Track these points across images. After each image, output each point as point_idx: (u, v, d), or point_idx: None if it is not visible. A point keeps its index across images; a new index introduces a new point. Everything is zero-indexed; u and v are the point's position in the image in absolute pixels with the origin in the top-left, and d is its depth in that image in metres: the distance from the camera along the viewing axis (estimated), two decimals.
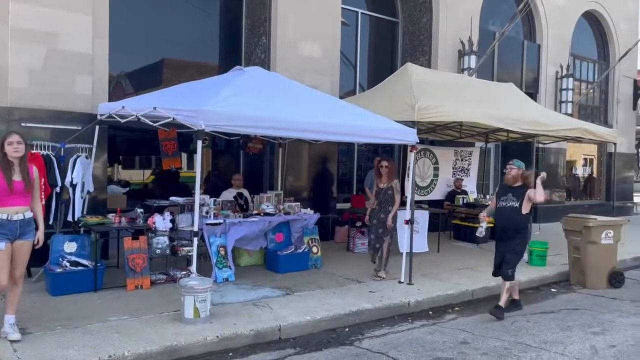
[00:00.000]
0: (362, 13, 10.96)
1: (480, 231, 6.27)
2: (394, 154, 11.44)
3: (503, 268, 5.86)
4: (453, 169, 11.29)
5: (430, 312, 5.89)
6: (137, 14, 8.44)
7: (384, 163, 6.97)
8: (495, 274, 6.18)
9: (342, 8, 10.06)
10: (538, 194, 5.67)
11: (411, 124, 6.90)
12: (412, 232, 6.85)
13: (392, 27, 11.70)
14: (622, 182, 16.31)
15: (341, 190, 10.57)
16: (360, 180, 10.79)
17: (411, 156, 6.97)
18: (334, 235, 9.53)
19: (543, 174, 5.87)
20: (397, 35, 11.71)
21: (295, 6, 9.14)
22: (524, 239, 6.02)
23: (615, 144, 10.47)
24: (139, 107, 5.72)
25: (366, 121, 6.39)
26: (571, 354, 4.62)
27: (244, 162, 9.38)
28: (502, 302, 5.73)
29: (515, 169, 5.88)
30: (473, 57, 11.35)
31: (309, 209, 7.69)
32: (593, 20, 15.73)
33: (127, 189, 9.46)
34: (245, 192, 7.76)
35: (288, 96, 6.20)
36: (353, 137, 6.56)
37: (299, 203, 7.67)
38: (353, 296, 5.94)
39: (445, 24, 11.33)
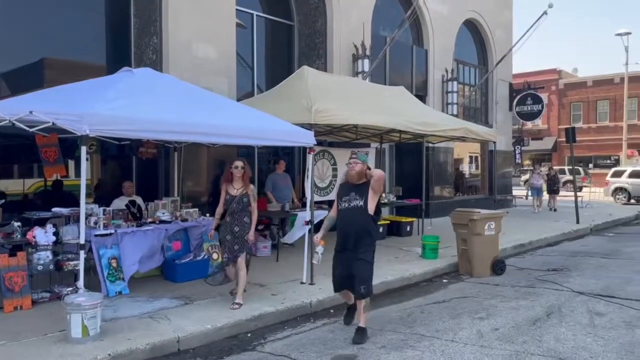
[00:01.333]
0: (257, 15, 10.92)
1: (318, 258, 5.35)
2: (293, 156, 11.53)
3: (355, 285, 4.92)
4: None
5: (332, 311, 6.00)
6: (13, 9, 7.72)
7: (238, 164, 5.76)
8: (338, 289, 5.26)
9: (237, 10, 9.95)
10: (376, 174, 4.97)
11: (308, 126, 6.99)
12: (312, 232, 6.93)
13: (288, 30, 11.79)
14: (502, 177, 17.84)
15: None
16: (262, 183, 10.73)
17: (309, 158, 7.05)
18: None
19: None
20: (293, 38, 11.82)
21: (187, 6, 8.88)
22: (372, 245, 5.12)
23: (494, 142, 11.40)
24: (12, 110, 5.20)
25: (265, 123, 6.36)
26: (460, 340, 4.94)
27: (137, 168, 8.93)
28: (362, 323, 5.01)
29: (360, 163, 5.04)
30: (366, 61, 11.77)
31: (208, 214, 7.50)
32: (473, 28, 17.02)
33: (3, 200, 8.59)
34: (139, 200, 7.39)
35: (181, 98, 6.00)
36: (252, 139, 6.51)
37: (197, 209, 7.45)
38: (255, 300, 5.88)
39: (339, 29, 11.64)
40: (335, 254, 5.20)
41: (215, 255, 7.25)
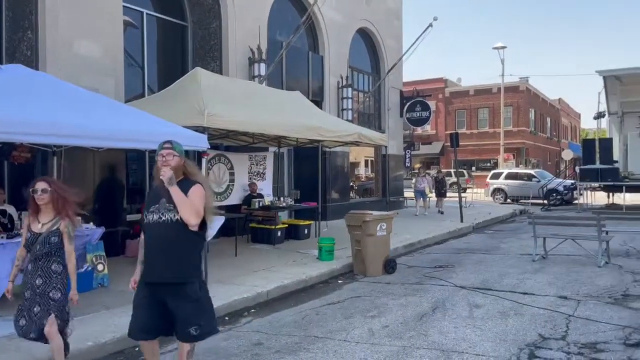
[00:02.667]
0: (147, 14, 10.47)
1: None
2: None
3: (179, 328, 3.63)
4: (249, 173, 11.54)
5: (227, 318, 5.87)
6: None
7: (39, 186, 3.87)
8: (138, 336, 3.76)
9: (125, 7, 9.47)
10: (193, 191, 3.54)
11: (202, 129, 6.80)
12: (206, 240, 6.74)
13: (182, 30, 11.43)
14: (394, 180, 18.70)
15: (133, 201, 9.92)
16: None
17: (203, 162, 6.86)
18: (125, 250, 8.89)
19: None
20: (187, 39, 11.49)
21: (66, 0, 8.26)
22: (195, 274, 3.71)
23: (386, 146, 11.92)
24: None
25: (152, 126, 6.07)
26: (352, 339, 5.07)
27: (9, 174, 8.12)
28: None
29: (176, 156, 3.62)
30: (263, 65, 11.75)
31: (92, 223, 7.02)
32: (366, 37, 17.70)
33: None
34: (10, 209, 6.72)
35: (57, 98, 5.54)
36: (138, 143, 6.16)
37: (79, 217, 6.92)
38: None
39: (234, 31, 11.50)
40: (139, 287, 3.68)
41: (100, 267, 6.83)
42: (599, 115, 31.21)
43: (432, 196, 18.28)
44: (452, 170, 32.90)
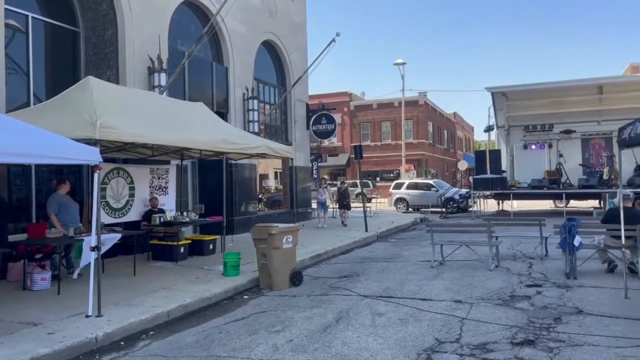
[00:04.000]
0: (33, 17, 9.70)
1: None
2: (82, 174, 10.46)
3: None
4: (150, 187, 11.05)
5: (122, 343, 5.52)
6: None
7: None
8: None
9: (7, 9, 8.72)
10: None
11: (94, 142, 6.39)
12: (99, 259, 6.32)
13: (73, 36, 10.72)
14: (302, 191, 18.84)
15: (16, 219, 9.08)
16: (41, 205, 9.47)
17: (95, 176, 6.43)
18: (7, 274, 8.08)
19: None
20: (79, 45, 10.79)
21: None
22: None
23: (292, 158, 11.97)
24: None
25: (34, 139, 5.59)
26: (255, 356, 4.97)
27: None
28: None
29: None
30: (164, 75, 11.35)
31: None
32: (272, 50, 17.76)
33: None
34: None
35: None
36: (19, 157, 5.66)
37: None
38: (27, 342, 5.09)
39: (132, 40, 11.01)
40: None
41: None
42: (489, 129, 33.71)
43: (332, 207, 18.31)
44: (357, 181, 33.86)
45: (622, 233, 7.12)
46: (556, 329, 5.54)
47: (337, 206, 17.98)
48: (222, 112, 14.11)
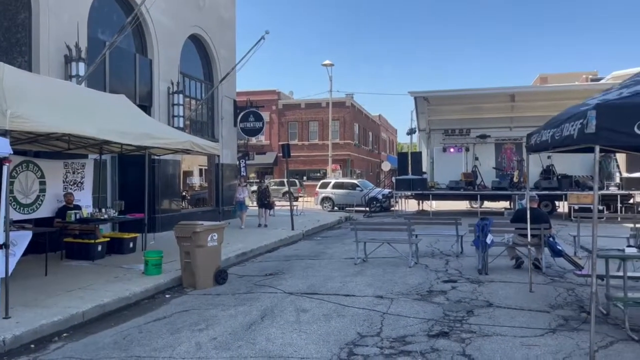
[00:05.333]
0: None
1: None
2: None
3: None
4: (64, 182, 10.48)
5: (33, 346, 5.21)
6: None
7: None
8: None
9: None
10: None
11: (3, 132, 5.96)
12: (7, 258, 5.91)
13: None
14: (228, 189, 18.60)
15: None
16: None
17: (5, 170, 6.01)
18: None
19: None
20: None
21: None
22: None
23: (218, 155, 11.80)
24: None
25: None
26: (178, 355, 4.88)
27: None
28: None
29: None
30: (82, 65, 10.79)
31: None
32: (199, 44, 17.38)
33: None
34: None
35: None
36: None
37: None
38: None
39: (47, 26, 10.37)
40: None
41: None
42: (411, 131, 35.07)
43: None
44: (284, 180, 33.92)
45: (529, 232, 7.69)
46: (469, 321, 5.89)
47: (257, 206, 16.97)
48: (145, 106, 13.63)
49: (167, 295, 7.52)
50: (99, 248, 9.76)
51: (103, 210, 10.62)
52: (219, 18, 18.35)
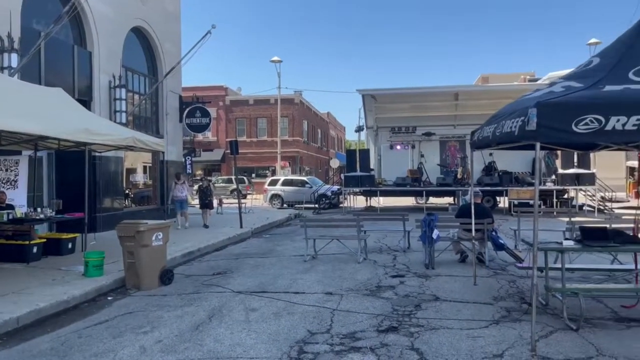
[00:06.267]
0: None
1: None
2: None
3: None
4: None
5: None
6: None
7: None
8: None
9: None
10: None
11: None
12: None
13: None
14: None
15: None
16: None
17: None
18: None
19: None
20: None
21: None
22: None
23: (163, 152, 11.44)
24: None
25: None
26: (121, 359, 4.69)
27: None
28: None
29: None
30: (15, 56, 10.17)
31: None
32: (142, 37, 16.80)
33: None
34: None
35: None
36: None
37: None
38: None
39: None
40: None
41: None
42: (359, 129, 35.38)
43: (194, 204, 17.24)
44: (232, 177, 33.46)
45: (473, 226, 7.92)
46: (416, 315, 5.99)
47: (199, 205, 16.15)
48: (85, 100, 13.03)
49: (109, 298, 7.21)
50: (35, 249, 9.24)
51: (39, 209, 10.06)
52: (164, 10, 17.81)
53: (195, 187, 17.50)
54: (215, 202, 21.58)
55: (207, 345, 5.04)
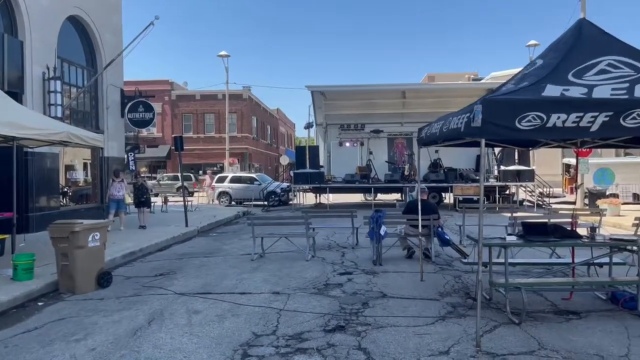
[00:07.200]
0: None
1: None
2: None
3: None
4: None
5: None
6: None
7: None
8: None
9: None
10: None
11: None
12: None
13: None
14: None
15: None
16: None
17: None
18: None
19: None
20: None
21: None
22: None
23: (102, 148, 10.89)
24: None
25: None
26: None
27: None
28: None
29: None
30: None
31: None
32: (80, 27, 15.94)
33: None
34: None
35: None
36: None
37: None
38: None
39: None
40: None
41: None
42: (309, 126, 35.27)
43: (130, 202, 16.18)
44: (178, 174, 32.57)
45: (420, 222, 7.96)
46: (364, 313, 5.92)
47: (134, 204, 15.15)
48: (15, 92, 12.20)
49: (40, 303, 6.74)
50: None
51: None
52: (103, 0, 16.98)
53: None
54: (160, 200, 20.99)
55: (145, 352, 4.76)
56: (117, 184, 13.84)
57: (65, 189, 15.43)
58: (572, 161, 25.07)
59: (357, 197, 25.65)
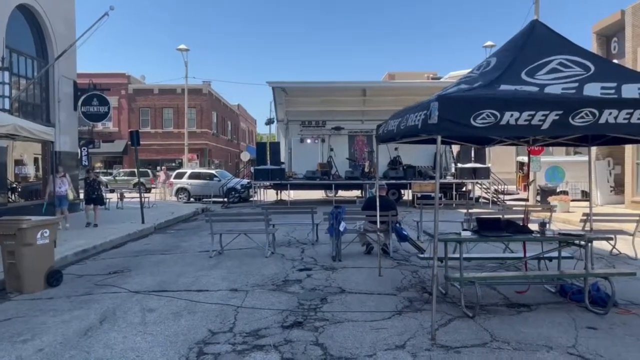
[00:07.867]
0: None
1: None
2: None
3: None
4: None
5: None
6: None
7: None
8: None
9: None
10: None
11: None
12: None
13: None
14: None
15: None
16: None
17: None
18: None
19: None
20: None
21: None
22: None
23: (52, 142, 10.49)
24: None
25: None
26: None
27: None
28: None
29: None
30: None
31: None
32: (30, 16, 15.29)
33: None
34: None
35: None
36: None
37: None
38: None
39: None
40: None
41: None
42: (270, 122, 35.10)
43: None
44: (135, 170, 31.76)
45: (378, 219, 8.04)
46: (322, 309, 5.93)
47: (85, 201, 14.46)
48: None
49: None
50: None
51: None
52: None
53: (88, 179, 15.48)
54: (115, 197, 20.41)
55: (96, 352, 4.61)
56: (59, 179, 13.05)
57: (14, 185, 14.79)
58: (526, 159, 25.91)
59: (318, 194, 25.69)
